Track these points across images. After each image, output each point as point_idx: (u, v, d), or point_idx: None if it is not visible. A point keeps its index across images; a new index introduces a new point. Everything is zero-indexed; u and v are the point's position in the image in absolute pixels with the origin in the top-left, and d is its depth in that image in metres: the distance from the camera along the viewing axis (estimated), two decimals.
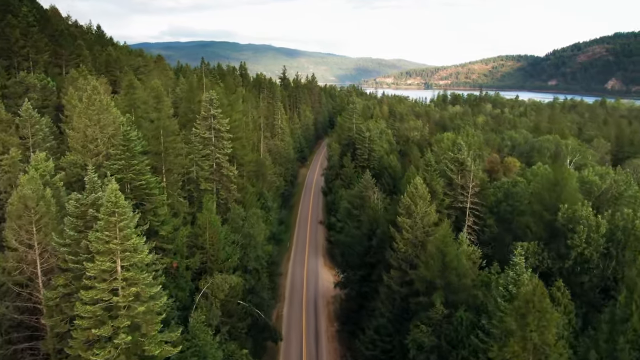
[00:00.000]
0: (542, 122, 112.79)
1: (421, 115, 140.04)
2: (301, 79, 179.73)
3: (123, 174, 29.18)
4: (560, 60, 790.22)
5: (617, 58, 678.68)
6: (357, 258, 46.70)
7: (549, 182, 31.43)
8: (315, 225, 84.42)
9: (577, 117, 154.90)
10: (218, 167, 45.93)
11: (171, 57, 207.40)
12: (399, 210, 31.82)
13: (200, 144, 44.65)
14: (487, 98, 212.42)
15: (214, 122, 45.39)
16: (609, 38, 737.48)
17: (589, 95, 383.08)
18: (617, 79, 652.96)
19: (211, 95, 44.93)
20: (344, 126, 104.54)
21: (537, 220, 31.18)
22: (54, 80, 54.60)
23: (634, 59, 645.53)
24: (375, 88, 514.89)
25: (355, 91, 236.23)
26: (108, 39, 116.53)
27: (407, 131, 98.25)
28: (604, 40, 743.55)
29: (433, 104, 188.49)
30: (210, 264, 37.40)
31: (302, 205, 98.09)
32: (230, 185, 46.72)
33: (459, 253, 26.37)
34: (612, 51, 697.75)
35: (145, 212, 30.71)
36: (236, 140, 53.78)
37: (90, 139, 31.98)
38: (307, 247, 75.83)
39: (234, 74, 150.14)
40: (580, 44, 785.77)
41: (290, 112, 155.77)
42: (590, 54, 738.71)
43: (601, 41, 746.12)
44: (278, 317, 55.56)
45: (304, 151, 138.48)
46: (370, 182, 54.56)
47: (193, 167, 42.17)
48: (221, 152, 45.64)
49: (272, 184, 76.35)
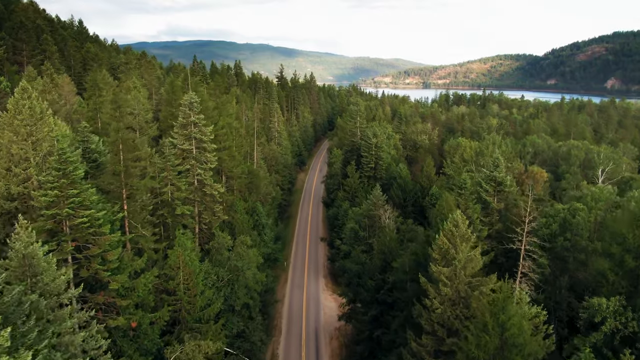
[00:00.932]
0: (557, 124, 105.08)
1: (427, 117, 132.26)
2: (299, 78, 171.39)
3: (56, 208, 21.14)
4: (559, 60, 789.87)
5: (617, 57, 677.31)
6: (368, 293, 38.79)
7: (633, 216, 23.45)
8: (315, 241, 76.34)
9: (588, 118, 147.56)
10: (200, 184, 37.84)
11: (168, 57, 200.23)
12: (433, 255, 23.81)
13: (178, 158, 36.53)
14: (492, 98, 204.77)
15: (194, 131, 37.29)
16: (608, 37, 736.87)
17: (589, 95, 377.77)
18: (617, 78, 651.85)
19: (191, 98, 36.80)
20: (345, 129, 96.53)
21: (616, 266, 23.31)
22: (10, 80, 46.41)
23: (633, 58, 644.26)
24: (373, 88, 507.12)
25: (356, 91, 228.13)
26: (91, 35, 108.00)
27: (414, 135, 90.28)
28: (602, 40, 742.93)
29: (436, 104, 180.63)
30: (185, 313, 29.35)
31: (301, 216, 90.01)
32: (215, 206, 38.63)
33: (521, 325, 18.41)
34: (612, 50, 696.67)
35: (89, 259, 22.63)
36: (224, 150, 45.74)
37: (17, 160, 23.91)
38: (306, 267, 67.81)
39: (228, 73, 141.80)
40: (579, 43, 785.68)
41: (287, 114, 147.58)
42: (590, 53, 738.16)
43: (600, 40, 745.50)
44: (273, 357, 47.59)
45: (302, 155, 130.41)
46: (381, 198, 46.61)
47: (167, 186, 34.08)
48: (204, 166, 37.54)
49: (268, 195, 68.28)
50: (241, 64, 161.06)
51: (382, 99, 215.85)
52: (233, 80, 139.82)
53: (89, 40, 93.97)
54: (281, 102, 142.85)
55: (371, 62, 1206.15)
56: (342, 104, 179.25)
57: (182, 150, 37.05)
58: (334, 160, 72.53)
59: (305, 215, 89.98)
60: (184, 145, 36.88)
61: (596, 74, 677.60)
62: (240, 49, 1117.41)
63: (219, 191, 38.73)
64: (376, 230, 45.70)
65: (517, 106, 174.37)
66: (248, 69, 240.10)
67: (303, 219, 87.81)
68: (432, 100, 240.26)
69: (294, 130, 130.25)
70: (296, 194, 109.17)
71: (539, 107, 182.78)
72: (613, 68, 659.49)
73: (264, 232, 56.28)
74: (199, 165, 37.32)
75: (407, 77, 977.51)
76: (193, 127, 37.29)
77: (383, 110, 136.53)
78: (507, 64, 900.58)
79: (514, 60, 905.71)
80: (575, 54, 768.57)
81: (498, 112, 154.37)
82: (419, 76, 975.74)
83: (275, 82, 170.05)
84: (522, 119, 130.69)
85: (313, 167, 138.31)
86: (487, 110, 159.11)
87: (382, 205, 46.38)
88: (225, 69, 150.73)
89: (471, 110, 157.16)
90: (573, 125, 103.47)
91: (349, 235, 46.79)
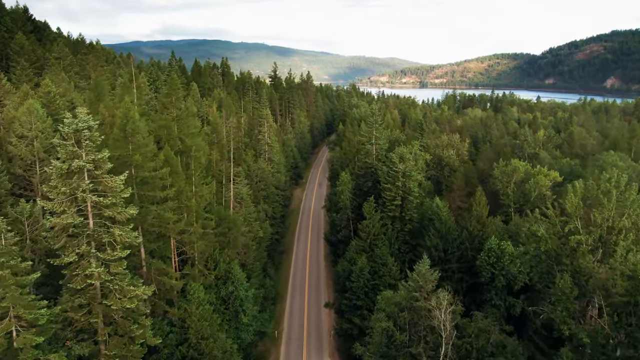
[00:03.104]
0: (608, 133, 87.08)
1: (442, 123, 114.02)
2: (295, 77, 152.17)
3: None
4: (557, 59, 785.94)
5: (616, 56, 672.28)
6: None
7: None
8: (317, 297, 57.26)
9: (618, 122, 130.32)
10: (102, 295, 19.27)
11: (162, 56, 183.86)
12: None
13: (52, 239, 17.92)
14: (505, 99, 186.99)
15: (86, 192, 18.61)
16: (606, 36, 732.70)
17: (588, 94, 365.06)
18: (617, 77, 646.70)
19: (79, 121, 18.15)
20: (352, 141, 77.94)
21: None
22: None
23: (632, 57, 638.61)
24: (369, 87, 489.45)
25: (356, 91, 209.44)
26: (40, 25, 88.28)
27: (438, 150, 71.75)
28: (601, 39, 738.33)
29: (446, 107, 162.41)
30: None
31: (297, 253, 71.26)
32: (132, 329, 19.98)
33: None
34: (610, 49, 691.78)
35: None
36: (166, 201, 27.15)
37: None
38: (305, 338, 49.17)
39: (212, 73, 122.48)
40: (577, 42, 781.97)
41: (281, 119, 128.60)
42: (588, 52, 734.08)
43: (598, 39, 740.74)
44: None
45: (298, 167, 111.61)
46: (430, 278, 28.10)
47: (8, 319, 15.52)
48: (110, 257, 18.99)
49: (248, 248, 48.52)
50: (237, 63, 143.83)
51: (386, 100, 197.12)
52: (218, 81, 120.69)
53: (26, 29, 73.95)
54: (274, 105, 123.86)
55: (367, 62, 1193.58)
56: (343, 106, 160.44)
57: (62, 228, 18.39)
58: (341, 189, 53.59)
59: (303, 253, 71.22)
60: (65, 216, 18.26)
61: (595, 73, 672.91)
62: (235, 48, 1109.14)
63: (146, 294, 19.95)
64: (423, 331, 27.24)
65: (539, 109, 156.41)
66: (243, 68, 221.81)
67: (300, 258, 69.01)
68: (437, 101, 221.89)
69: (289, 139, 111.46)
70: (292, 216, 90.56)
71: (556, 110, 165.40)
72: (612, 67, 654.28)
73: (243, 308, 37.58)
74: (98, 255, 18.69)
75: (403, 77, 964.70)
76: (82, 178, 18.66)
77: (391, 115, 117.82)
78: (504, 63, 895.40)
79: (511, 59, 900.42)
80: (573, 53, 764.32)
81: (520, 117, 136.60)
82: (416, 75, 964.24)
83: (268, 82, 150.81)
84: (555, 125, 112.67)
85: (311, 180, 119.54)
86: (506, 114, 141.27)
87: (432, 288, 27.92)
88: (210, 67, 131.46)
89: (488, 114, 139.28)
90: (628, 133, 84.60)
91: (379, 342, 28.18)
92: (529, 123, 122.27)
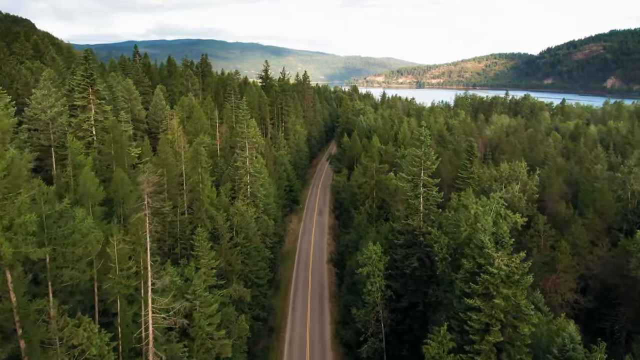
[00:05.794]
0: None
1: (469, 134, 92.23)
2: (289, 78, 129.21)
3: None
4: (556, 59, 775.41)
5: (615, 56, 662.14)
6: None
7: None
8: None
9: None
10: None
11: (156, 56, 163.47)
12: None
13: None
14: (526, 103, 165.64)
15: None
16: (605, 36, 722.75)
17: (589, 95, 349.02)
18: (617, 77, 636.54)
19: None
20: (370, 170, 55.62)
21: None
22: None
23: (632, 57, 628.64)
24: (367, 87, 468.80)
25: (357, 93, 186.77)
26: None
27: (496, 184, 49.66)
28: (599, 38, 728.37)
29: (463, 113, 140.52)
30: None
31: (291, 343, 48.78)
32: None
33: None
34: (610, 49, 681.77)
35: None
36: None
37: None
38: None
39: (186, 73, 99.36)
40: (576, 42, 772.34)
41: (273, 129, 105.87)
42: (587, 52, 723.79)
43: (597, 39, 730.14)
44: None
45: (294, 190, 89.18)
46: None
47: None
48: None
49: None
50: (232, 63, 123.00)
51: (392, 102, 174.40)
52: (194, 83, 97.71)
53: None
54: (264, 112, 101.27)
55: (362, 62, 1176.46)
56: (347, 112, 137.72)
57: None
58: (367, 270, 30.08)
59: (301, 334, 48.60)
60: None
61: (595, 73, 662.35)
62: (230, 48, 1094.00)
63: None
64: None
65: (576, 115, 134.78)
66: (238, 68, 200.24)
67: (296, 344, 46.39)
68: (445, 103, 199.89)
69: (282, 155, 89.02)
70: (285, 263, 68.30)
71: (584, 114, 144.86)
72: (612, 67, 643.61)
73: None
74: None
75: (400, 77, 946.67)
76: None
77: (408, 125, 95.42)
78: (501, 63, 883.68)
79: (508, 59, 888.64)
80: (571, 52, 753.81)
81: (557, 125, 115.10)
82: (413, 75, 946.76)
83: (259, 83, 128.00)
84: (610, 135, 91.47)
85: (309, 204, 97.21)
86: (539, 121, 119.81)
87: None
88: (187, 66, 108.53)
89: (519, 121, 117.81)
90: None
91: None
92: (572, 135, 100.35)
